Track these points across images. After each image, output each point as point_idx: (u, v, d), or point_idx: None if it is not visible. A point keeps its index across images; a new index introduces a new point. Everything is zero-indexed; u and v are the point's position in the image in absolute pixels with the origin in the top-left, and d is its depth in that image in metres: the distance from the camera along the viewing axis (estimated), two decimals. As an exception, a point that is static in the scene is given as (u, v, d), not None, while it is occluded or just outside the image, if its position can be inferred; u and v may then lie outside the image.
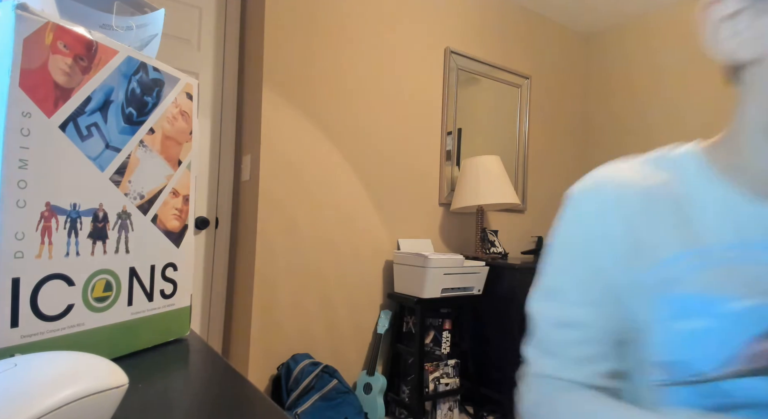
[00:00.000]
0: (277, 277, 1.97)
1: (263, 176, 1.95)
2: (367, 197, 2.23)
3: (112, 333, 0.40)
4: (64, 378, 0.24)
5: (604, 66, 3.21)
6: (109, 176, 0.40)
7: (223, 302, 2.14)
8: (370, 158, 2.24)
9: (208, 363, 0.43)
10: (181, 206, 0.49)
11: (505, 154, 2.79)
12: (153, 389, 0.35)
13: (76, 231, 0.37)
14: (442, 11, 2.52)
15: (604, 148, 3.17)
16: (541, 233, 2.99)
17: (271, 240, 1.96)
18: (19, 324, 0.33)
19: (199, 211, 2.07)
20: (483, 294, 2.23)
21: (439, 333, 2.20)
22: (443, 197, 2.49)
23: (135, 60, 0.42)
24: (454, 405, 2.18)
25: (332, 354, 2.11)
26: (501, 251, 2.55)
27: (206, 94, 2.09)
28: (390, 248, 2.30)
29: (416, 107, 2.41)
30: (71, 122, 0.36)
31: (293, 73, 2.02)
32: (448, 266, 2.05)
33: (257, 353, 1.91)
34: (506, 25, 2.83)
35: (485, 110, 2.73)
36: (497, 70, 2.76)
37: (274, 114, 1.97)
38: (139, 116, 0.43)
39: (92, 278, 0.39)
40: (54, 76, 0.35)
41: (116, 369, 0.28)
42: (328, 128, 2.12)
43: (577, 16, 3.07)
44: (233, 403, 0.34)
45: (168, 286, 0.47)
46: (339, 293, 2.14)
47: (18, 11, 0.33)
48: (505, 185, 2.32)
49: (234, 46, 2.17)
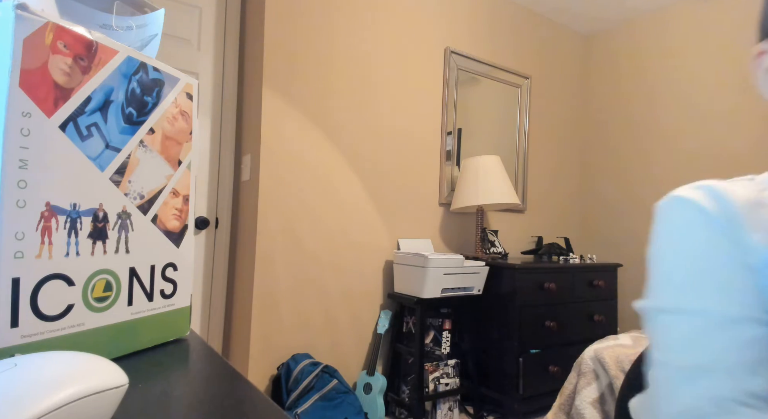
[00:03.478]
0: (276, 277, 1.97)
1: (263, 176, 1.95)
2: (367, 197, 2.23)
3: (112, 333, 0.40)
4: (64, 378, 0.24)
5: (604, 66, 3.21)
6: (109, 176, 0.40)
7: (223, 302, 2.14)
8: (370, 158, 2.24)
9: (208, 363, 0.43)
10: (181, 206, 0.49)
11: (505, 154, 2.79)
12: (153, 389, 0.35)
13: (76, 231, 0.37)
14: (442, 11, 2.52)
15: (604, 148, 3.17)
16: (541, 233, 2.99)
17: (270, 240, 1.96)
18: (19, 324, 0.33)
19: (199, 211, 2.07)
20: (483, 294, 2.23)
21: (439, 333, 2.20)
22: (443, 197, 2.49)
23: (135, 60, 0.42)
24: (454, 405, 2.18)
25: (332, 353, 2.11)
26: (501, 251, 2.55)
27: (206, 94, 2.09)
28: (390, 248, 2.30)
29: (416, 107, 2.41)
30: (71, 122, 0.36)
31: (293, 73, 2.02)
32: (448, 266, 2.05)
33: (257, 353, 1.91)
34: (506, 25, 2.83)
35: (485, 110, 2.73)
36: (497, 70, 2.76)
37: (274, 114, 1.97)
38: (139, 116, 0.43)
39: (92, 278, 0.39)
40: (54, 76, 0.35)
41: (116, 369, 0.28)
42: (328, 128, 2.12)
43: (578, 17, 3.07)
44: (233, 403, 0.34)
45: (168, 286, 0.47)
46: (339, 293, 2.14)
47: (18, 11, 0.33)
48: (505, 185, 2.32)
49: (234, 46, 2.17)
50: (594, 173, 3.23)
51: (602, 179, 3.17)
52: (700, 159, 2.67)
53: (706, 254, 0.42)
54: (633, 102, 3.02)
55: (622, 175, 3.06)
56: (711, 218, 0.43)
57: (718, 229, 0.42)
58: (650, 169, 2.90)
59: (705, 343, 0.40)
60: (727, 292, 0.40)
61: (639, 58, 3.01)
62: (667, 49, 2.86)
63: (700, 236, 0.43)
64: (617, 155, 3.10)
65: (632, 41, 3.05)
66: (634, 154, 2.99)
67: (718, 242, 0.42)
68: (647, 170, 2.91)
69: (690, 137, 2.73)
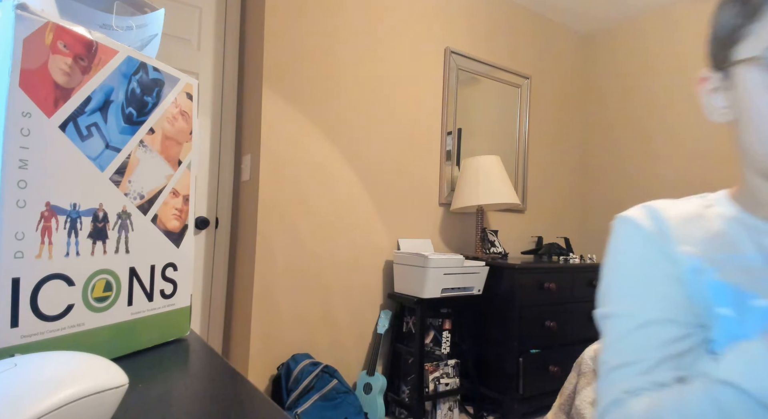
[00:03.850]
0: (277, 277, 1.97)
1: (263, 176, 1.95)
2: (367, 196, 2.23)
3: (112, 333, 0.40)
4: (64, 378, 0.24)
5: (604, 66, 3.21)
6: (109, 176, 0.40)
7: (223, 302, 2.14)
8: (370, 158, 2.24)
9: (208, 363, 0.43)
10: (181, 206, 0.49)
11: (505, 154, 2.79)
12: (153, 389, 0.35)
13: (76, 231, 0.37)
14: (442, 11, 2.52)
15: (604, 147, 3.17)
16: (541, 233, 2.99)
17: (270, 240, 1.96)
18: (19, 324, 0.33)
19: (199, 211, 2.07)
20: (483, 294, 2.23)
21: (439, 333, 2.20)
22: (443, 197, 2.49)
23: (135, 60, 0.42)
24: (454, 405, 2.18)
25: (332, 354, 2.11)
26: (501, 251, 2.55)
27: (206, 94, 2.09)
28: (390, 248, 2.30)
29: (416, 107, 2.41)
30: (71, 122, 0.36)
31: (293, 73, 2.02)
32: (448, 266, 2.05)
33: (257, 353, 1.91)
34: (506, 25, 2.83)
35: (485, 110, 2.73)
36: (497, 70, 2.76)
37: (274, 114, 1.97)
38: (139, 116, 0.43)
39: (92, 278, 0.39)
40: (54, 76, 0.35)
41: (116, 369, 0.28)
42: (328, 128, 2.12)
43: (577, 16, 3.07)
44: (233, 403, 0.34)
45: (168, 286, 0.47)
46: (339, 293, 2.14)
47: (18, 11, 0.33)
48: (505, 185, 2.32)
49: (234, 46, 2.17)
50: (594, 172, 3.23)
51: (602, 179, 3.17)
52: (700, 159, 2.68)
53: (639, 265, 0.49)
54: (633, 102, 3.02)
55: (622, 175, 3.06)
56: (646, 234, 0.50)
57: (652, 243, 0.49)
58: (650, 169, 2.90)
59: (628, 342, 0.46)
60: (651, 298, 0.47)
61: (639, 57, 3.01)
62: (667, 49, 2.86)
63: (636, 250, 0.50)
64: (617, 154, 3.10)
65: (632, 41, 3.05)
66: (634, 154, 2.99)
67: (650, 255, 0.49)
68: (647, 170, 2.91)
69: (690, 137, 2.73)
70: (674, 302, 0.46)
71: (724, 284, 0.45)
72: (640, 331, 0.46)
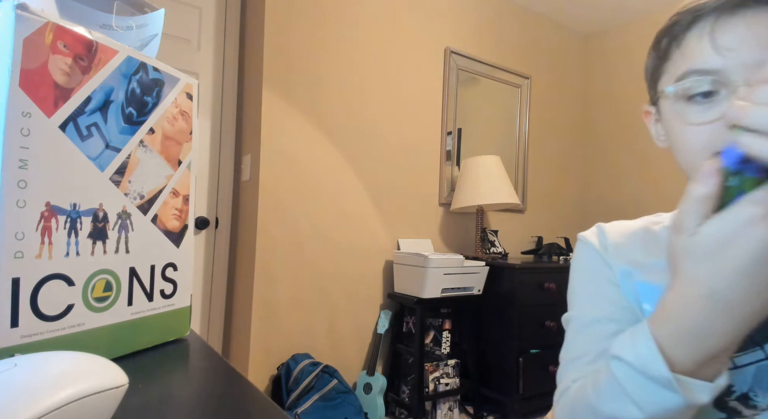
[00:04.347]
0: (277, 277, 1.97)
1: (263, 176, 1.95)
2: (368, 196, 2.23)
3: (112, 333, 0.40)
4: (64, 378, 0.24)
5: (604, 66, 3.21)
6: (109, 176, 0.40)
7: (223, 302, 2.14)
8: (370, 158, 2.24)
9: (208, 363, 0.43)
10: (181, 206, 0.49)
11: (505, 154, 2.79)
12: (153, 389, 0.35)
13: (76, 231, 0.37)
14: (442, 11, 2.52)
15: (604, 147, 3.17)
16: (541, 233, 2.99)
17: (271, 240, 1.96)
18: (19, 323, 0.33)
19: (199, 211, 2.07)
20: (483, 294, 2.23)
21: (439, 333, 2.20)
22: (443, 197, 2.49)
23: (135, 60, 0.42)
24: (454, 405, 2.18)
25: (332, 354, 2.11)
26: (501, 251, 2.55)
27: (206, 94, 2.09)
28: (390, 248, 2.30)
29: (416, 107, 2.41)
30: (71, 122, 0.36)
31: (293, 73, 2.02)
32: (448, 266, 2.05)
33: (257, 353, 1.91)
34: (506, 25, 2.83)
35: (485, 110, 2.73)
36: (497, 70, 2.76)
37: (274, 114, 1.97)
38: (139, 116, 0.43)
39: (92, 278, 0.39)
40: (54, 76, 0.35)
41: (116, 369, 0.28)
42: (328, 128, 2.12)
43: (577, 16, 3.07)
44: (233, 403, 0.34)
45: (168, 286, 0.47)
46: (339, 293, 2.14)
47: (18, 11, 0.33)
48: (505, 185, 2.32)
49: (234, 46, 2.17)
50: (594, 173, 3.23)
51: (602, 179, 3.17)
52: (700, 159, 2.67)
53: (588, 275, 0.59)
54: (634, 102, 3.02)
55: (622, 175, 3.06)
56: (594, 249, 0.59)
57: (597, 256, 0.58)
58: (650, 169, 2.90)
59: (578, 339, 0.55)
60: (596, 301, 0.56)
61: (640, 57, 3.00)
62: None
63: (586, 262, 0.60)
64: (618, 154, 3.10)
65: (633, 41, 3.05)
66: (635, 154, 2.99)
67: (596, 265, 0.58)
68: (647, 170, 2.91)
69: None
70: (614, 303, 0.54)
71: (648, 285, 0.52)
72: (587, 329, 0.55)
